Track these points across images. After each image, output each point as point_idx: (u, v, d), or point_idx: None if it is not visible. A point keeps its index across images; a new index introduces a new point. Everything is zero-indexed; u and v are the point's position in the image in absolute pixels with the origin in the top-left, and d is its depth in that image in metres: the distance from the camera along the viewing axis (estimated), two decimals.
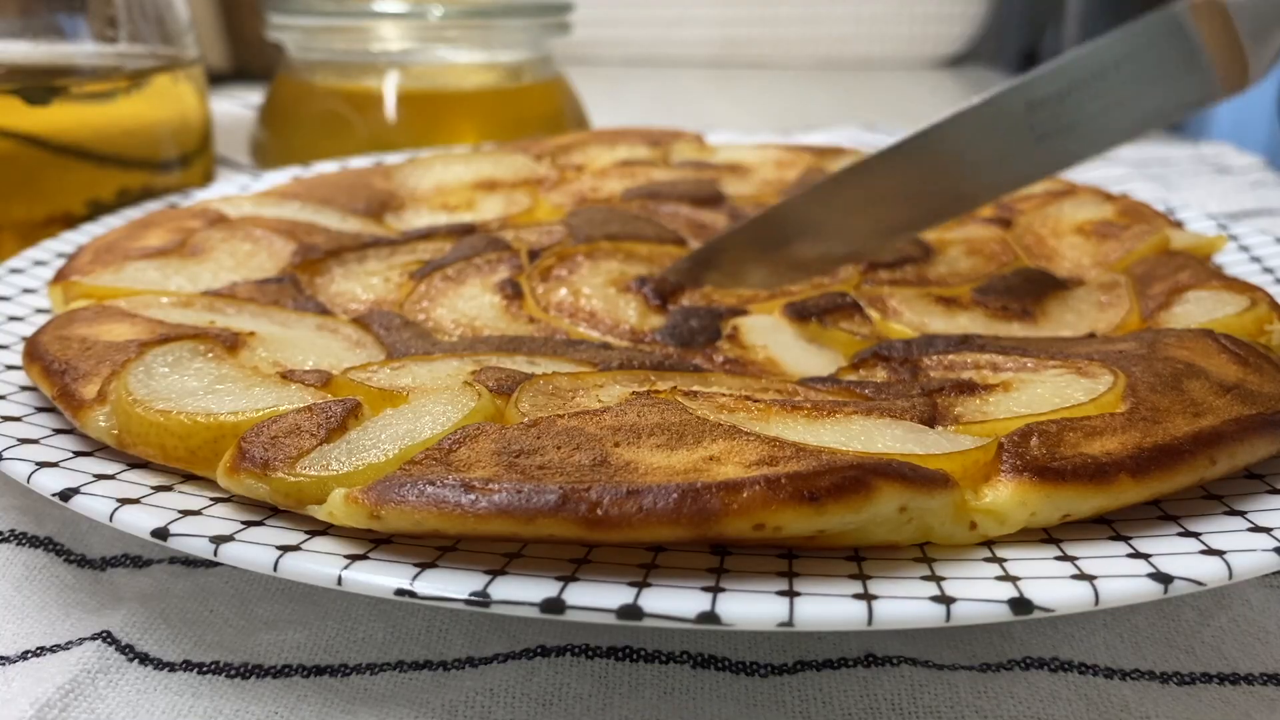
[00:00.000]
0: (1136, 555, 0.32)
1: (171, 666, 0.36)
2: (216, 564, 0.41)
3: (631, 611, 0.29)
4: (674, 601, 0.29)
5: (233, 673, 0.36)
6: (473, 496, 0.31)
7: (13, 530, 0.43)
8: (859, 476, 0.31)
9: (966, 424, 0.37)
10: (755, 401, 0.38)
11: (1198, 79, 0.44)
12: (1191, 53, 0.43)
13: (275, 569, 0.31)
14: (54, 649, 0.37)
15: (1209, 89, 0.44)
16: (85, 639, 0.38)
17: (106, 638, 0.37)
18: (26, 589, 0.40)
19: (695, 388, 0.40)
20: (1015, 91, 0.46)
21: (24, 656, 0.37)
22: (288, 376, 0.42)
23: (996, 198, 0.51)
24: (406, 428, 0.36)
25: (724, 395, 0.39)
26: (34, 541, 0.43)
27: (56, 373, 0.42)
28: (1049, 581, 0.31)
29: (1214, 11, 0.43)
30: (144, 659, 0.37)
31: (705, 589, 0.30)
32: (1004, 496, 0.33)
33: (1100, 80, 0.45)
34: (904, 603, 0.30)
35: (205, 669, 0.36)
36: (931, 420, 0.37)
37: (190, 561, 0.41)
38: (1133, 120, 0.46)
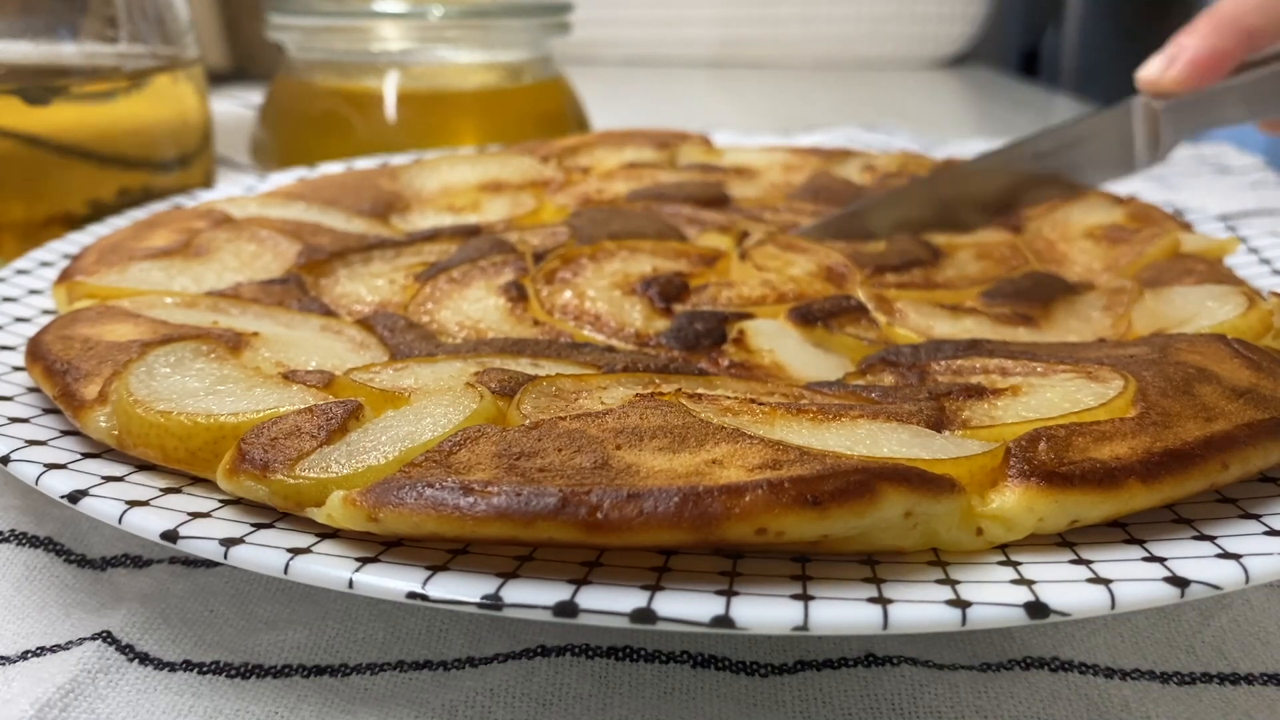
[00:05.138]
0: (1152, 559, 0.32)
1: (172, 666, 0.36)
2: (217, 564, 0.41)
3: (645, 615, 0.29)
4: (687, 605, 0.29)
5: (233, 673, 0.36)
6: (471, 499, 0.31)
7: (13, 530, 0.43)
8: (863, 480, 0.31)
9: (974, 428, 0.37)
10: (760, 404, 0.37)
11: (1126, 155, 0.64)
12: (1129, 136, 0.63)
13: (286, 572, 0.31)
14: (54, 649, 0.37)
15: (1129, 164, 0.64)
16: (85, 639, 0.37)
17: (106, 638, 0.37)
18: (26, 589, 0.40)
19: (700, 390, 0.40)
20: (1027, 143, 0.65)
21: (24, 656, 0.37)
22: (290, 377, 0.41)
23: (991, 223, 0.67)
24: (407, 429, 0.36)
25: (728, 398, 0.38)
26: (34, 541, 0.43)
27: (58, 373, 0.41)
28: (1064, 585, 0.30)
29: (1150, 113, 0.62)
30: (144, 659, 0.37)
31: (719, 593, 0.30)
32: (1011, 502, 0.33)
33: (1082, 144, 0.65)
34: (919, 607, 0.29)
35: (205, 669, 0.36)
36: (938, 425, 0.37)
37: (190, 561, 0.41)
38: (1094, 176, 0.66)
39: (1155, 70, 0.61)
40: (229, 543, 0.32)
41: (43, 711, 0.34)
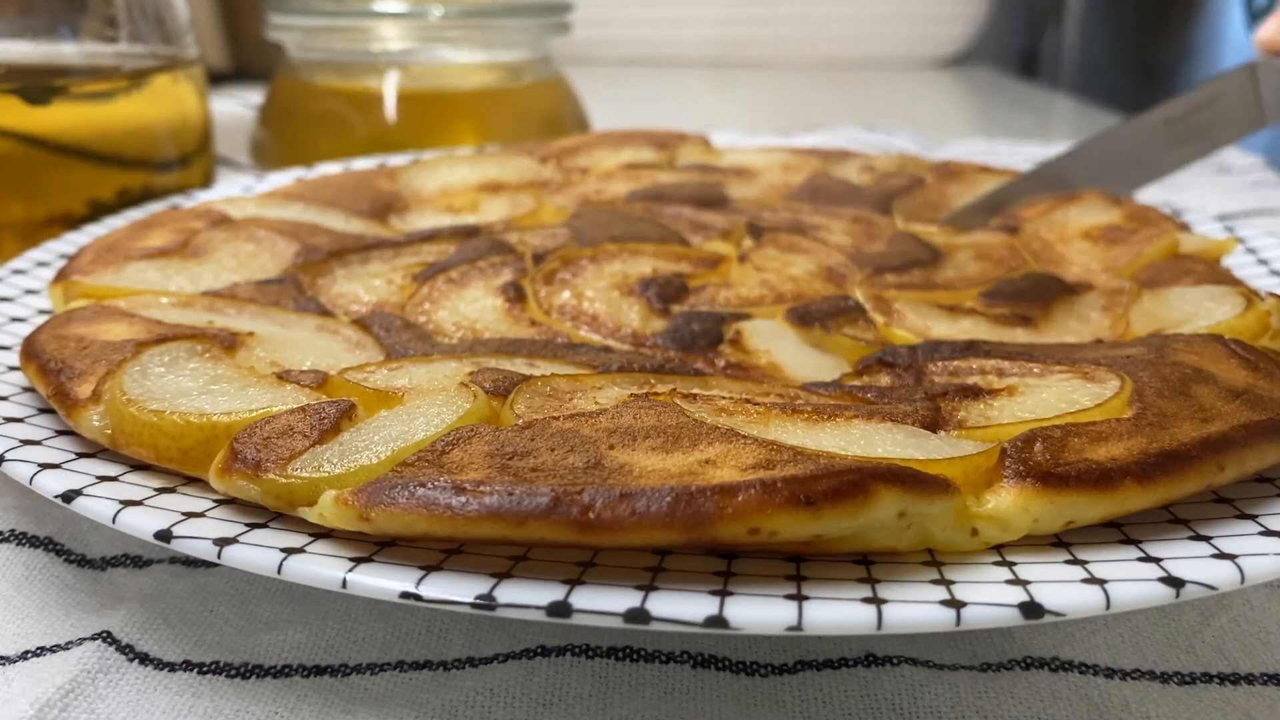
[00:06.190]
0: (1147, 559, 0.32)
1: (171, 666, 0.36)
2: (216, 564, 0.41)
3: (639, 615, 0.29)
4: (681, 605, 0.29)
5: (233, 673, 0.36)
6: (463, 499, 0.31)
7: (13, 530, 0.43)
8: (857, 480, 0.31)
9: (970, 429, 0.37)
10: (755, 405, 0.37)
11: (1255, 112, 0.65)
12: (1255, 94, 0.65)
13: (279, 571, 0.31)
14: (54, 649, 0.37)
15: (1260, 120, 0.65)
16: (85, 639, 0.37)
17: (106, 638, 0.37)
18: (26, 589, 0.40)
19: (695, 391, 0.40)
20: (1157, 112, 0.68)
21: (24, 656, 0.37)
22: (284, 377, 0.41)
23: (1141, 187, 0.70)
24: (400, 429, 0.36)
25: (723, 398, 0.38)
26: (34, 541, 0.43)
27: (52, 371, 0.41)
28: (1059, 585, 0.30)
29: (1271, 70, 0.64)
30: (144, 659, 0.37)
31: (713, 593, 0.30)
32: (1006, 502, 0.33)
33: (1210, 105, 0.66)
34: (913, 607, 0.29)
35: (205, 669, 0.36)
36: (934, 425, 0.37)
37: (190, 561, 0.41)
38: (1227, 134, 0.67)
39: (1272, 30, 0.68)
40: (223, 542, 0.32)
41: (43, 711, 0.34)
